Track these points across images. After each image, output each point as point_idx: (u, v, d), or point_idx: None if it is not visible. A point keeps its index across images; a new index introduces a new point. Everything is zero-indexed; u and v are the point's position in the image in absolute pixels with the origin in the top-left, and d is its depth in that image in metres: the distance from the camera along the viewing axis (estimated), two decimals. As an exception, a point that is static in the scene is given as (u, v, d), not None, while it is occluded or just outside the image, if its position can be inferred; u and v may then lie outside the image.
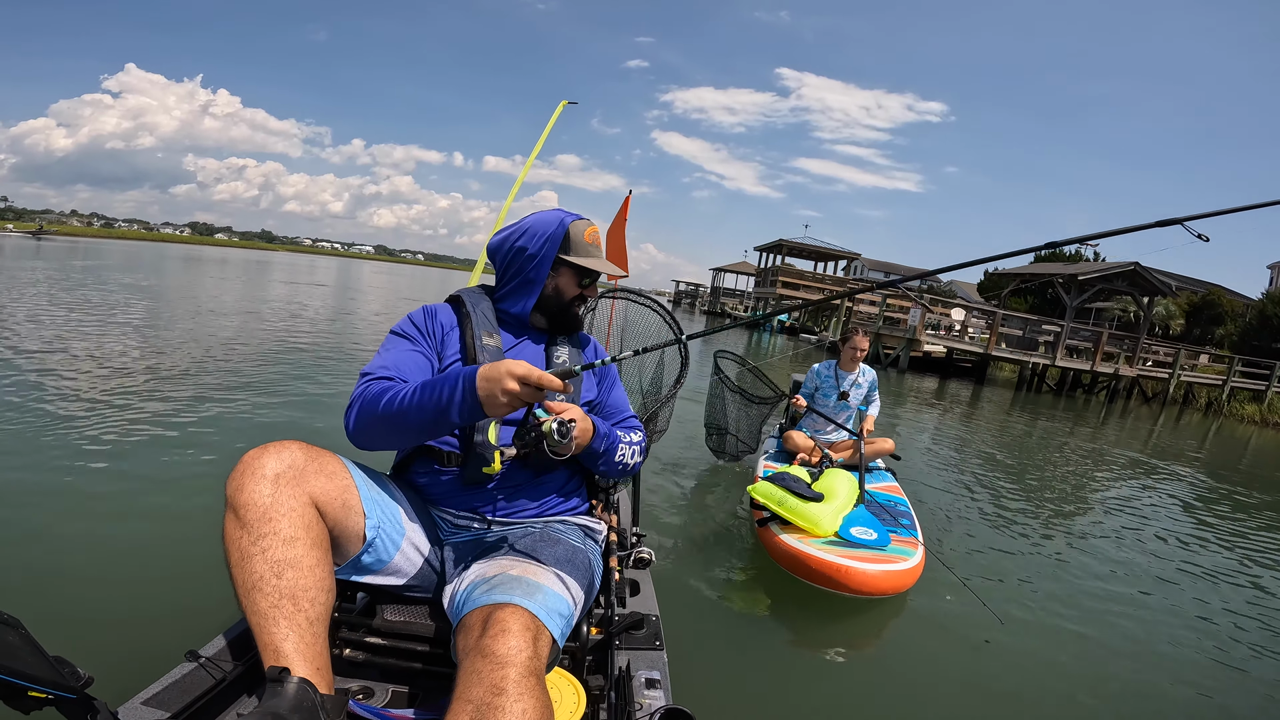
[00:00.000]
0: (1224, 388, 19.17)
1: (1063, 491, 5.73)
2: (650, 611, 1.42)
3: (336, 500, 1.09)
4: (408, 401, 1.09)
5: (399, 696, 1.18)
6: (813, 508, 2.81)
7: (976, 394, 13.83)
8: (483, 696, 0.85)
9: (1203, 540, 4.54)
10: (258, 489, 1.01)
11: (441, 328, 1.35)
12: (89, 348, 6.07)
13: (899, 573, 2.59)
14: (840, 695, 2.06)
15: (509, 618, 0.95)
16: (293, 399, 4.99)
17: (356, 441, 1.18)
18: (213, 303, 11.93)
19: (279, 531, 0.99)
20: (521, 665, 0.89)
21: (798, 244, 32.01)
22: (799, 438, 3.88)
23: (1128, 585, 3.37)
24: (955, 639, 2.51)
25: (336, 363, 6.87)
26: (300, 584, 0.98)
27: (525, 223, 1.38)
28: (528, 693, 0.86)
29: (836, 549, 2.65)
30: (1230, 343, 26.20)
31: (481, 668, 0.89)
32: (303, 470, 1.06)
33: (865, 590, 2.52)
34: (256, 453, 1.04)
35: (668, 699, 1.14)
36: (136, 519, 2.69)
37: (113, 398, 4.40)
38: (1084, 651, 2.58)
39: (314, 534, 1.03)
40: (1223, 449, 11.03)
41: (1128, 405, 17.23)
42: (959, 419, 9.92)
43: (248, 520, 0.99)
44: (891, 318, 19.09)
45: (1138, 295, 20.73)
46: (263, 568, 0.97)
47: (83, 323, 7.57)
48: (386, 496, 1.21)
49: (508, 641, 0.91)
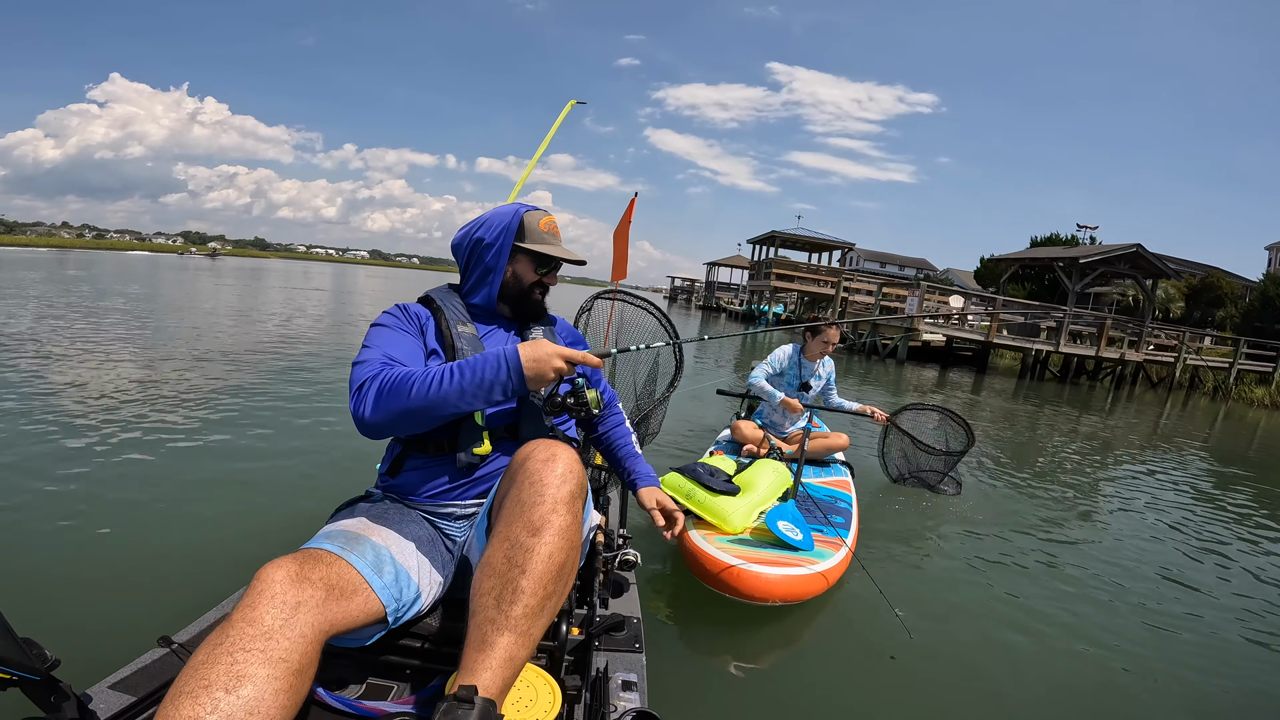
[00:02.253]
0: (1230, 370, 18.74)
1: (1062, 483, 5.30)
2: (632, 614, 1.43)
3: (359, 616, 1.03)
4: (445, 383, 1.12)
5: (374, 689, 1.15)
6: (723, 501, 2.56)
7: (978, 383, 13.38)
8: (519, 535, 0.95)
9: (1208, 542, 4.13)
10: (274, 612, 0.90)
11: (417, 319, 1.39)
12: (81, 349, 6.35)
13: (805, 578, 2.30)
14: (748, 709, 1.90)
15: (561, 452, 1.03)
16: (286, 401, 5.06)
17: (371, 427, 1.16)
18: (222, 306, 12.25)
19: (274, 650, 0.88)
20: (561, 499, 0.97)
21: (790, 235, 31.60)
22: (748, 428, 3.67)
23: (1107, 604, 2.96)
24: (861, 650, 2.28)
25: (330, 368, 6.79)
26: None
27: (483, 216, 1.46)
28: (559, 533, 0.96)
29: (739, 549, 2.38)
30: (1232, 324, 25.90)
31: (526, 496, 0.98)
32: (322, 601, 0.97)
33: (762, 597, 2.23)
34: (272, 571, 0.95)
35: (643, 702, 1.14)
36: (113, 506, 2.72)
37: (102, 394, 4.58)
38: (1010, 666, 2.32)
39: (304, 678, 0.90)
40: (1231, 435, 10.60)
41: (1133, 391, 16.79)
42: (961, 409, 9.45)
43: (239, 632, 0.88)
44: (888, 307, 18.57)
45: (1140, 278, 20.30)
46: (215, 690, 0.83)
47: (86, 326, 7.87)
48: (395, 568, 1.14)
49: (555, 469, 0.98)
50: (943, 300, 18.70)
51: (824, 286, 29.15)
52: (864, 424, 6.23)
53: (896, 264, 50.47)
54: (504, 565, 0.97)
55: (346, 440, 3.99)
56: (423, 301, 1.45)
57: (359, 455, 3.69)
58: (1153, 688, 2.29)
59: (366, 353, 1.25)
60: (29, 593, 2.01)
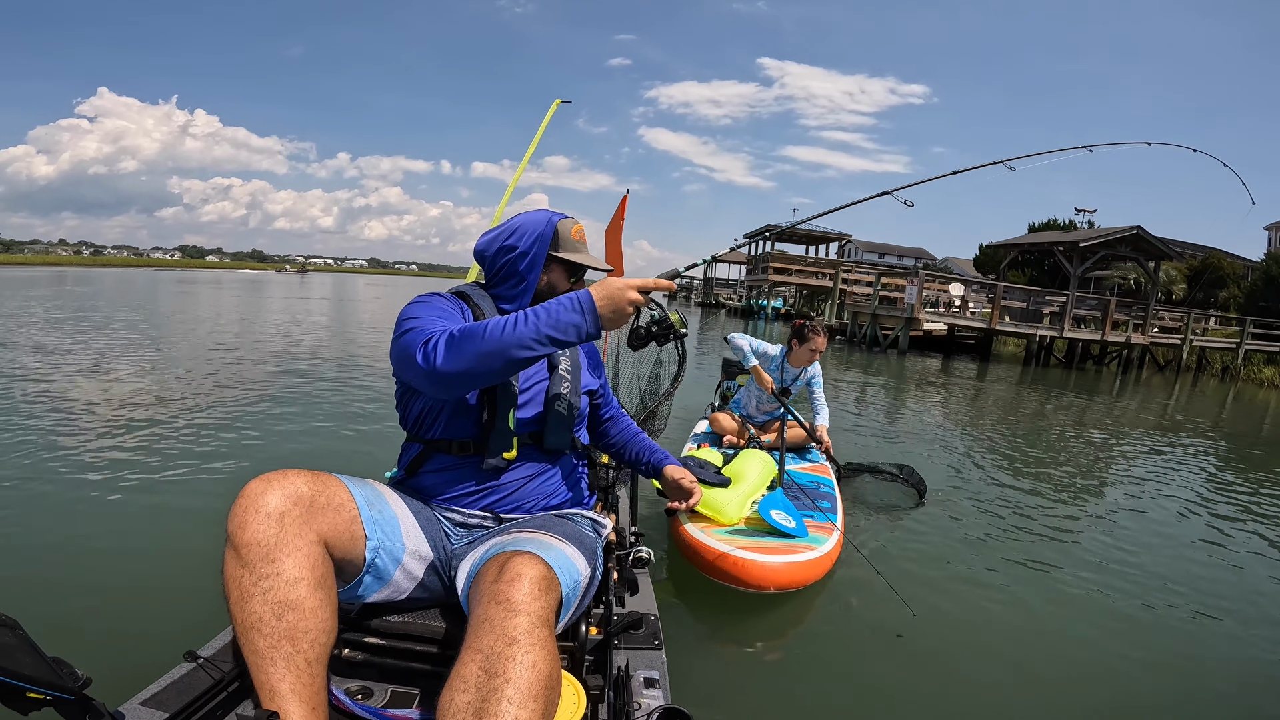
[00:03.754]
0: (1238, 351, 18.44)
1: (1061, 467, 5.10)
2: (649, 611, 1.43)
3: (345, 533, 1.06)
4: (521, 325, 1.09)
5: (399, 697, 1.15)
6: (717, 494, 2.60)
7: (982, 371, 13.09)
8: (494, 646, 0.86)
9: (1224, 522, 3.97)
10: (261, 528, 0.97)
11: (457, 307, 1.35)
12: (95, 364, 6.47)
13: (805, 564, 2.36)
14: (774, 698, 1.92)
15: (523, 564, 0.96)
16: (299, 408, 5.08)
17: (444, 376, 1.10)
18: (238, 321, 12.59)
19: (282, 573, 0.96)
20: (534, 614, 0.90)
21: (786, 228, 31.19)
22: (725, 419, 3.70)
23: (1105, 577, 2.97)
24: (869, 631, 2.31)
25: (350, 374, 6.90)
26: (301, 626, 0.95)
27: (514, 223, 1.41)
28: (538, 644, 0.87)
29: (738, 539, 2.42)
30: (1237, 305, 25.60)
31: (494, 614, 0.90)
32: (310, 505, 1.02)
33: (764, 585, 2.28)
34: (259, 486, 1.01)
35: (666, 698, 1.14)
36: (135, 521, 2.73)
37: (117, 409, 4.56)
38: (1008, 641, 2.36)
39: (318, 574, 0.99)
40: (1243, 415, 10.34)
41: (1140, 375, 16.50)
42: (966, 400, 9.15)
43: (249, 560, 0.96)
44: (888, 298, 18.26)
45: (1143, 260, 19.99)
46: (262, 609, 0.94)
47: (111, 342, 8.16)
48: (387, 512, 1.18)
49: (521, 587, 0.92)
50: (942, 288, 18.40)
51: (822, 279, 28.87)
52: (836, 415, 6.10)
53: (895, 254, 50.09)
54: (481, 676, 0.85)
55: (384, 450, 3.97)
56: (457, 295, 1.40)
57: (389, 464, 3.60)
58: (1151, 642, 2.39)
59: (415, 321, 1.21)
60: (53, 612, 2.01)
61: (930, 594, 2.57)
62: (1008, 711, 1.94)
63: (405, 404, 1.35)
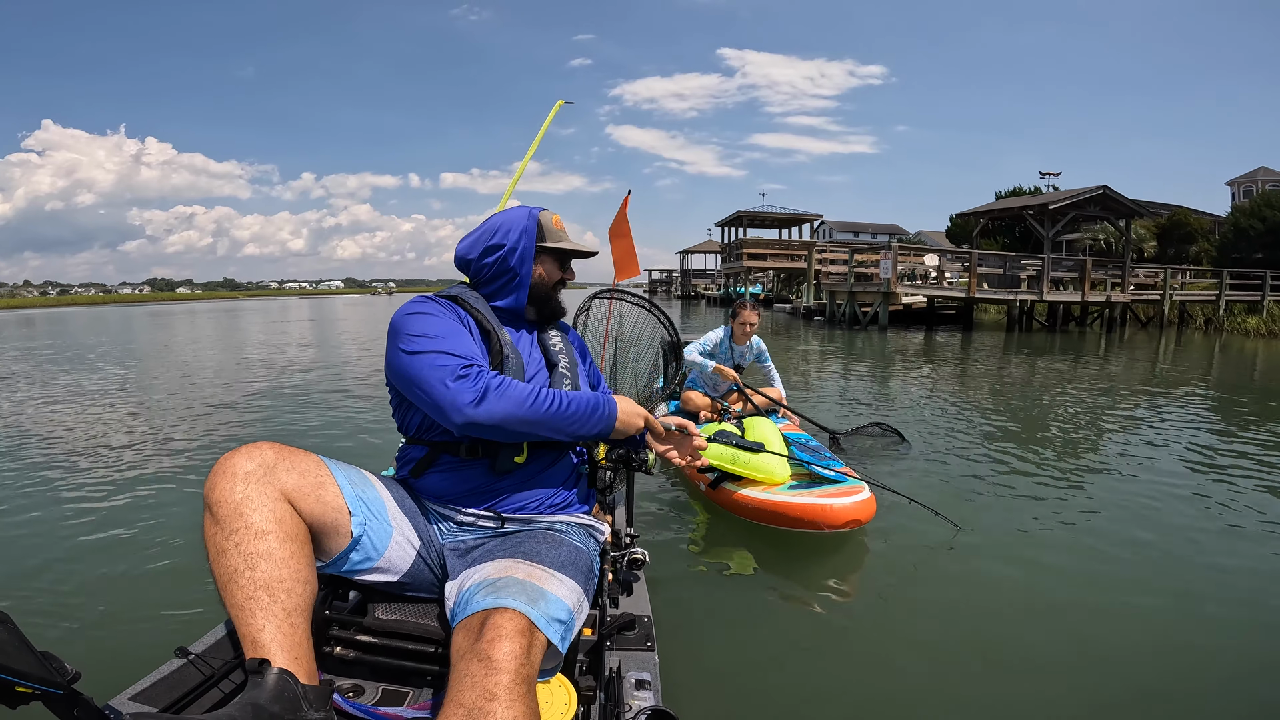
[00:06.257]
0: (1219, 303, 18.27)
1: (1059, 429, 4.73)
2: (643, 612, 1.43)
3: (310, 495, 1.07)
4: (557, 408, 1.18)
5: (390, 695, 1.15)
6: (762, 459, 2.82)
7: (966, 343, 12.65)
8: (475, 701, 0.88)
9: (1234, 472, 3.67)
10: (229, 486, 1.02)
11: (459, 317, 1.32)
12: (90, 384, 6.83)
13: (866, 501, 2.64)
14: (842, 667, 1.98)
15: (505, 623, 0.97)
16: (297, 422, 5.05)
17: (473, 424, 1.13)
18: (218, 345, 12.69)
19: (250, 525, 1.00)
20: (513, 672, 0.91)
21: (757, 213, 30.83)
22: (697, 397, 3.86)
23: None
24: (923, 555, 2.54)
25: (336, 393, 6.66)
26: (274, 575, 0.98)
27: (493, 223, 1.42)
28: (518, 700, 0.89)
29: (801, 492, 2.69)
30: (1209, 259, 25.62)
31: (476, 671, 0.91)
32: (273, 467, 1.06)
33: (846, 523, 2.57)
34: (230, 454, 1.06)
35: (657, 700, 1.14)
36: (126, 518, 2.74)
37: (112, 417, 4.70)
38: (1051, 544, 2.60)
39: (286, 527, 1.02)
40: (1232, 366, 10.00)
41: (1124, 333, 16.22)
42: (953, 376, 8.66)
43: (221, 517, 1.01)
44: (863, 274, 17.79)
45: (1113, 219, 19.78)
46: (236, 560, 0.98)
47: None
48: (373, 493, 1.20)
49: (502, 647, 0.93)
50: (918, 260, 17.99)
51: (797, 261, 28.48)
52: (793, 378, 6.14)
53: (869, 232, 49.93)
54: None
55: (379, 453, 3.95)
56: (450, 299, 1.36)
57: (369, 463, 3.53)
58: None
59: (429, 342, 1.19)
60: (44, 607, 2.01)
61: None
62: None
63: (404, 411, 1.33)
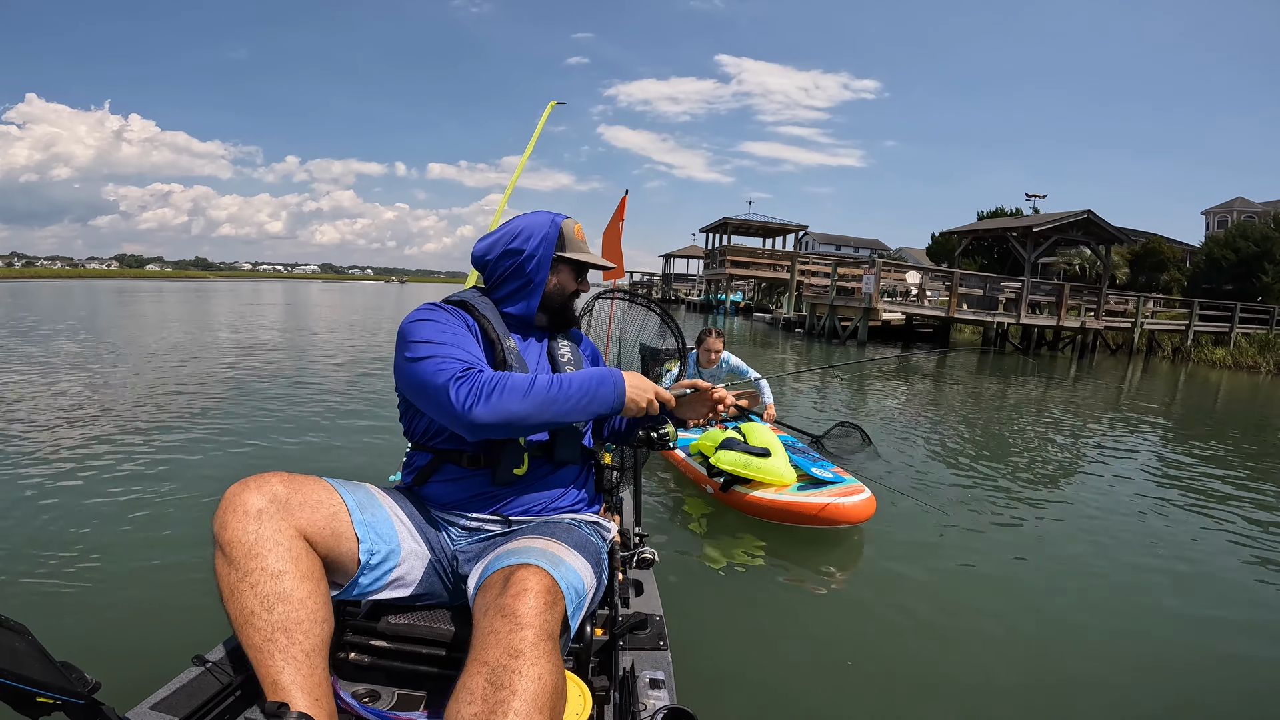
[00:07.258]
0: (1188, 333, 18.62)
1: (1029, 448, 4.82)
2: (654, 611, 1.42)
3: (325, 529, 1.07)
4: (559, 391, 1.14)
5: (405, 700, 1.16)
6: (772, 463, 3.01)
7: (942, 363, 12.69)
8: (500, 659, 0.86)
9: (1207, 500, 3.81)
10: (241, 526, 1.00)
11: (465, 324, 1.33)
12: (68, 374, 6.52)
13: (868, 500, 2.92)
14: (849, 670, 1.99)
15: (530, 577, 0.96)
16: (290, 413, 5.08)
17: (479, 425, 1.12)
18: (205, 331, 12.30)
19: (266, 567, 0.98)
20: (539, 628, 0.90)
21: (743, 221, 30.86)
22: None
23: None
24: (916, 549, 2.78)
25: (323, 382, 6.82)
26: (292, 617, 0.97)
27: (515, 226, 1.40)
28: (544, 657, 0.88)
29: (808, 493, 2.92)
30: (1180, 288, 26.15)
31: (500, 627, 0.90)
32: (286, 503, 1.04)
33: (854, 520, 2.88)
34: (238, 488, 1.04)
35: (672, 699, 1.13)
36: (141, 526, 2.76)
37: (115, 419, 4.57)
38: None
39: (303, 566, 1.01)
40: (1196, 396, 10.16)
41: (1093, 359, 16.44)
42: (926, 398, 8.62)
43: (235, 558, 0.98)
44: (845, 288, 17.82)
45: (1094, 244, 20.07)
46: (253, 603, 0.96)
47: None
48: (381, 514, 1.19)
49: (527, 601, 0.92)
50: (899, 277, 18.07)
51: (779, 271, 28.53)
52: (807, 410, 6.04)
53: (851, 245, 50.31)
54: (486, 689, 0.84)
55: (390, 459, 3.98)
56: (459, 305, 1.36)
57: (392, 469, 3.33)
58: None
59: (432, 348, 1.18)
60: (62, 618, 2.01)
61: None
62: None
63: (410, 417, 1.32)
